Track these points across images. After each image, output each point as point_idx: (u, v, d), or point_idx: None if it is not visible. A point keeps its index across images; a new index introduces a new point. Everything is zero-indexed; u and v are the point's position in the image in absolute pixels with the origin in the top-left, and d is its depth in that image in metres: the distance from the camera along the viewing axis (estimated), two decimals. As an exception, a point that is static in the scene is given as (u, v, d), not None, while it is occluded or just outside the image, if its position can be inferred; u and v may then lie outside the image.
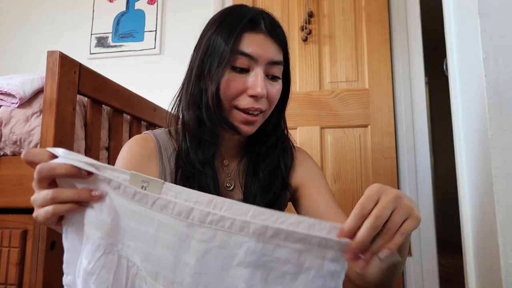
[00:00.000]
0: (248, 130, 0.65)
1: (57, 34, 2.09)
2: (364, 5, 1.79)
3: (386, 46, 1.75)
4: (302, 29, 1.80)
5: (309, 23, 1.80)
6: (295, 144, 0.79)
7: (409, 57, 1.75)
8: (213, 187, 0.64)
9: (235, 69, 0.62)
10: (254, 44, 0.62)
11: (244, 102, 0.62)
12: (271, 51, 0.64)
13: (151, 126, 1.39)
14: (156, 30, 2.02)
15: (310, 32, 1.79)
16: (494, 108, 0.66)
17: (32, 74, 1.15)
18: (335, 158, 1.72)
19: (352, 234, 0.37)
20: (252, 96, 0.62)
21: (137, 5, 2.07)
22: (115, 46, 2.05)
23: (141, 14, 2.06)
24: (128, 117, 1.27)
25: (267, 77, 0.65)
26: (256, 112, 0.64)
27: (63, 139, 0.93)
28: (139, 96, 1.28)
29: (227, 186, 0.70)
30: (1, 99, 1.07)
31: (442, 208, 3.48)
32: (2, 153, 1.07)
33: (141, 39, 2.03)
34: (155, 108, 1.40)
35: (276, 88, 0.66)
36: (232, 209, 0.39)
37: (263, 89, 0.61)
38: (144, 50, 2.02)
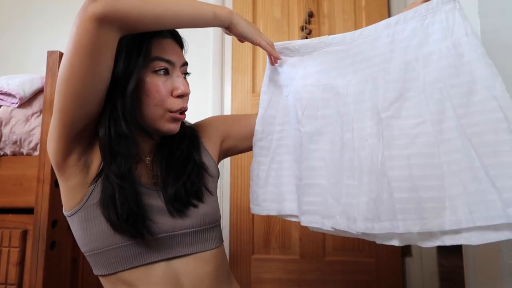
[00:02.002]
0: (176, 127, 0.68)
1: (57, 34, 2.09)
2: (364, 5, 1.79)
3: (386, 46, 1.75)
4: (302, 29, 1.80)
5: (309, 23, 1.80)
6: (191, 124, 0.81)
7: (409, 57, 1.75)
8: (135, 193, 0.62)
9: (158, 73, 0.64)
10: (168, 49, 0.65)
11: (175, 104, 0.65)
12: (181, 54, 0.69)
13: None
14: (156, 30, 2.02)
15: (310, 32, 1.79)
16: (494, 108, 0.65)
17: (32, 74, 1.16)
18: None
19: None
20: (179, 96, 0.66)
21: (137, 5, 2.07)
22: (115, 46, 2.05)
23: (141, 14, 2.06)
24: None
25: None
26: (183, 110, 0.68)
27: (63, 139, 0.92)
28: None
29: (153, 182, 0.68)
30: (1, 99, 1.07)
31: (442, 208, 3.47)
32: (2, 153, 1.07)
33: (141, 39, 2.03)
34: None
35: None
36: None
37: (187, 88, 0.66)
38: (144, 50, 2.01)
